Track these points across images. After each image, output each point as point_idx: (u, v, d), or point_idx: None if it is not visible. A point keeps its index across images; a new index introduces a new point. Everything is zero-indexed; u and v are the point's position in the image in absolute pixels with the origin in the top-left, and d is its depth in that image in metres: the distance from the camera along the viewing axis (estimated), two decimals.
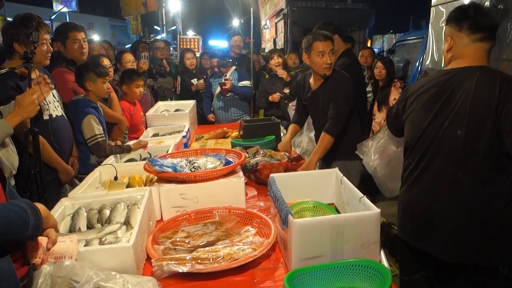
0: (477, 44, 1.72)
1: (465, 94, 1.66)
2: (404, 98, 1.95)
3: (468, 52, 1.74)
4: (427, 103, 1.78)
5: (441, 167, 1.72)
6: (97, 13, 24.48)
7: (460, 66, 1.74)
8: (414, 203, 1.83)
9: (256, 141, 2.96)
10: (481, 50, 1.73)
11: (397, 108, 2.00)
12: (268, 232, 1.64)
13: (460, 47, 1.76)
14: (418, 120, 1.81)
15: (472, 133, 1.63)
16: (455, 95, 1.69)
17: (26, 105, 2.04)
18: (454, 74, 1.73)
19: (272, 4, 11.85)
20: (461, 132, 1.65)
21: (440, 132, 1.72)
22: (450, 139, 1.69)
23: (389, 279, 1.25)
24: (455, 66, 1.77)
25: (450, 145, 1.69)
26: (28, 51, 2.15)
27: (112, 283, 1.15)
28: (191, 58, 5.21)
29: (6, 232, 1.00)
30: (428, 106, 1.77)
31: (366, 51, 5.81)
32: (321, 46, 2.61)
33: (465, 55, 1.75)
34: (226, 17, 16.66)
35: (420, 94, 1.83)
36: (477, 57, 1.73)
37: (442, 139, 1.72)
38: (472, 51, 1.73)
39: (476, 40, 1.72)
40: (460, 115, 1.66)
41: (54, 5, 15.99)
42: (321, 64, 2.64)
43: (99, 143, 2.70)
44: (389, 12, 20.44)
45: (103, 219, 1.70)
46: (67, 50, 3.04)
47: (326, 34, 2.67)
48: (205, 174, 1.92)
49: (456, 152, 1.68)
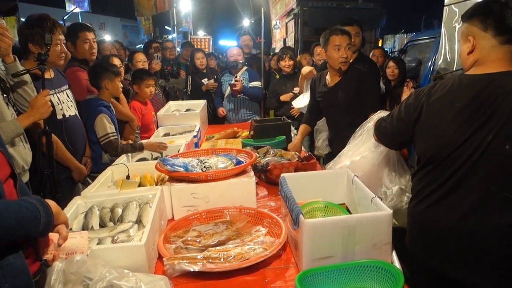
0: (505, 46, 1.50)
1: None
2: (418, 107, 1.68)
3: (496, 56, 1.51)
4: (460, 114, 1.53)
5: (482, 186, 1.50)
6: (108, 14, 24.69)
7: (491, 71, 1.51)
8: (439, 224, 1.60)
9: (267, 141, 2.96)
10: (509, 53, 1.51)
11: (405, 118, 1.74)
12: (279, 232, 1.64)
13: (486, 49, 1.53)
14: (449, 133, 1.56)
15: None
16: (500, 105, 1.45)
17: (39, 106, 2.07)
18: (492, 81, 1.49)
19: (283, 4, 11.83)
20: (509, 147, 1.43)
21: (481, 147, 1.48)
22: (496, 154, 1.46)
23: (401, 281, 1.24)
24: (484, 71, 1.53)
25: (496, 161, 1.47)
26: (42, 52, 2.18)
27: (125, 281, 1.16)
28: (202, 58, 5.23)
29: (18, 228, 1.01)
30: (463, 117, 1.52)
31: (377, 50, 5.78)
32: (337, 40, 2.65)
33: (493, 59, 1.52)
34: (236, 17, 16.70)
35: (445, 102, 1.59)
36: (506, 61, 1.51)
37: (484, 154, 1.48)
38: (502, 54, 1.51)
39: (504, 42, 1.49)
40: (506, 128, 1.44)
41: (67, 5, 16.18)
42: (337, 58, 2.67)
43: (111, 142, 2.73)
44: (400, 11, 20.30)
45: (115, 218, 1.72)
46: (77, 50, 3.08)
47: (343, 29, 2.70)
48: (216, 173, 1.93)
49: (502, 169, 1.47)
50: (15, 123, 1.98)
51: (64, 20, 12.15)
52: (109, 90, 2.87)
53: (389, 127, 1.84)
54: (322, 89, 2.92)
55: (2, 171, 1.14)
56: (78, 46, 3.07)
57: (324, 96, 2.89)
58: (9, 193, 1.16)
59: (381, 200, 1.53)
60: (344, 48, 2.65)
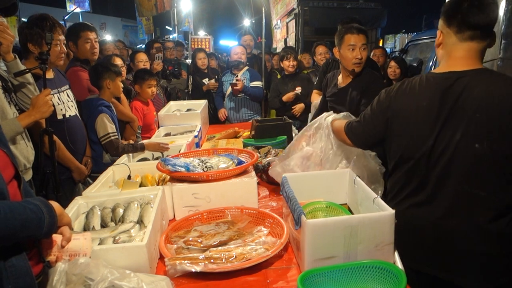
0: (465, 44, 1.51)
1: (477, 102, 1.44)
2: (388, 106, 1.67)
3: (457, 53, 1.53)
4: (427, 112, 1.54)
5: (458, 185, 1.50)
6: (109, 14, 24.74)
7: (455, 69, 1.52)
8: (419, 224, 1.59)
9: (268, 141, 2.96)
10: (472, 51, 1.51)
11: (377, 117, 1.72)
12: (280, 232, 1.64)
13: (448, 45, 1.55)
14: (418, 132, 1.57)
15: (493, 146, 1.43)
16: (464, 103, 1.46)
17: (40, 105, 2.07)
18: (456, 79, 1.50)
19: (284, 3, 11.84)
20: (480, 146, 1.44)
21: (451, 146, 1.49)
22: (466, 154, 1.47)
23: (404, 281, 1.24)
24: (449, 69, 1.54)
25: (466, 160, 1.47)
26: (43, 52, 2.18)
27: (126, 281, 1.16)
28: (203, 58, 5.23)
29: (22, 229, 1.01)
30: (429, 116, 1.53)
31: (378, 50, 5.78)
32: (352, 39, 2.53)
33: (455, 56, 1.54)
34: (237, 17, 16.71)
35: (413, 101, 1.59)
36: (469, 59, 1.52)
37: (455, 153, 1.49)
38: (462, 52, 1.52)
39: (464, 39, 1.50)
40: (475, 126, 1.45)
41: (68, 5, 16.22)
42: (351, 58, 2.55)
43: (112, 141, 2.73)
44: (401, 11, 20.30)
45: (116, 218, 1.71)
46: (79, 49, 3.09)
47: (360, 28, 2.55)
48: (217, 173, 1.92)
49: (473, 167, 1.47)
50: (14, 121, 1.98)
51: (65, 20, 12.19)
52: (110, 90, 2.88)
53: (360, 127, 1.81)
54: (332, 89, 2.84)
55: (6, 172, 1.14)
56: (79, 46, 3.08)
57: (333, 96, 2.82)
58: (13, 194, 1.16)
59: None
60: (359, 48, 2.51)
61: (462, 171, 1.49)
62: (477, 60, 1.53)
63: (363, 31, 2.55)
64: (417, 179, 1.60)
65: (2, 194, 1.05)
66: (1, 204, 0.97)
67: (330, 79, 2.93)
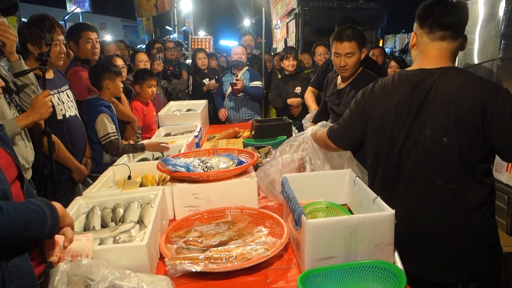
0: (436, 43, 1.58)
1: (445, 97, 1.51)
2: (364, 105, 1.75)
3: (429, 53, 1.60)
4: (397, 109, 1.61)
5: (429, 178, 1.56)
6: (109, 14, 24.75)
7: (426, 67, 1.60)
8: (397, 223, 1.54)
9: (268, 141, 2.96)
10: (443, 50, 1.58)
11: (355, 118, 1.80)
12: (280, 233, 1.64)
13: (421, 45, 1.63)
14: (390, 128, 1.63)
15: (460, 140, 1.49)
16: (432, 99, 1.54)
17: (39, 107, 2.06)
18: (426, 76, 1.57)
19: (284, 3, 11.84)
20: (448, 139, 1.50)
21: (421, 141, 1.56)
22: (436, 147, 1.53)
23: (404, 281, 1.24)
24: (420, 66, 1.62)
25: (437, 154, 1.53)
26: (43, 53, 2.18)
27: (127, 281, 1.16)
28: (203, 58, 5.23)
29: (25, 230, 1.01)
30: (399, 112, 1.60)
31: (377, 50, 5.78)
32: (335, 47, 2.55)
33: (427, 56, 1.61)
34: (237, 17, 16.72)
35: (384, 99, 1.67)
36: (440, 58, 1.58)
37: (425, 148, 1.55)
38: (433, 51, 1.59)
39: (435, 39, 1.58)
40: (443, 121, 1.51)
41: (68, 5, 16.22)
42: (336, 64, 2.58)
43: (112, 142, 2.73)
44: (401, 11, 20.27)
45: (117, 218, 1.71)
46: (80, 49, 3.09)
47: (345, 35, 2.51)
48: (217, 174, 1.92)
49: (443, 161, 1.53)
50: (12, 122, 1.97)
51: (65, 20, 12.18)
52: (110, 90, 2.88)
53: (341, 129, 1.88)
54: (331, 90, 2.83)
55: (9, 172, 1.14)
56: (80, 46, 3.08)
57: (332, 96, 2.82)
58: (16, 195, 1.16)
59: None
60: (343, 56, 2.50)
61: (433, 165, 1.55)
62: (448, 60, 1.60)
63: (347, 38, 2.49)
64: (391, 175, 1.67)
65: (5, 195, 1.05)
66: (4, 204, 0.98)
67: (331, 79, 2.92)
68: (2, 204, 0.97)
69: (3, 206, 0.97)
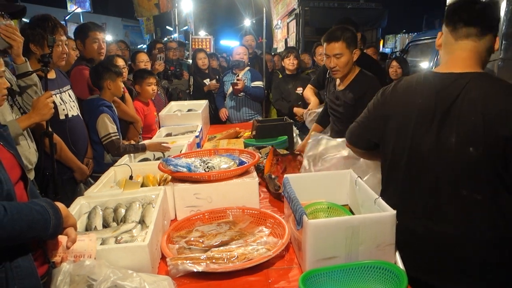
0: (461, 42, 1.48)
1: (473, 105, 1.40)
2: (381, 106, 1.68)
3: (455, 53, 1.51)
4: (420, 113, 1.52)
5: (453, 188, 1.47)
6: (110, 14, 24.75)
7: (455, 70, 1.49)
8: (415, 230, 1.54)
9: (269, 141, 2.96)
10: (469, 51, 1.48)
11: (373, 116, 1.72)
12: (281, 233, 1.64)
13: (447, 45, 1.53)
14: (412, 132, 1.54)
15: (487, 151, 1.39)
16: (459, 106, 1.43)
17: (40, 108, 2.06)
18: (453, 80, 1.46)
19: (284, 4, 11.85)
20: (474, 150, 1.40)
21: (445, 149, 1.45)
22: (461, 157, 1.43)
23: (405, 281, 1.24)
24: (449, 69, 1.51)
25: (462, 163, 1.43)
26: (45, 55, 2.19)
27: (129, 281, 1.16)
28: (203, 58, 5.23)
29: (29, 230, 1.02)
30: (422, 116, 1.51)
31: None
32: (325, 48, 2.52)
33: (453, 57, 1.51)
34: (238, 17, 16.71)
35: (406, 100, 1.58)
36: (468, 60, 1.48)
37: (449, 156, 1.45)
38: (459, 51, 1.49)
39: (460, 37, 1.47)
40: (469, 130, 1.40)
41: (68, 5, 16.23)
42: (327, 66, 2.56)
43: (113, 142, 2.74)
44: (402, 11, 20.28)
45: (118, 218, 1.72)
46: (86, 49, 3.10)
47: (332, 36, 2.47)
48: (219, 174, 1.93)
49: (469, 171, 1.43)
50: (14, 123, 1.98)
51: (66, 21, 12.20)
52: (111, 90, 2.88)
53: (359, 128, 1.81)
54: (331, 92, 2.81)
55: (13, 173, 1.15)
56: (87, 45, 3.09)
57: (331, 96, 2.79)
58: (20, 195, 1.17)
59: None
60: (332, 57, 2.47)
61: (458, 175, 1.45)
62: (476, 63, 1.49)
63: (335, 39, 2.45)
64: (409, 183, 1.57)
65: (9, 195, 1.06)
66: (8, 205, 0.98)
67: (330, 80, 2.90)
68: (5, 204, 0.98)
69: (7, 207, 0.97)
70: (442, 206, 1.50)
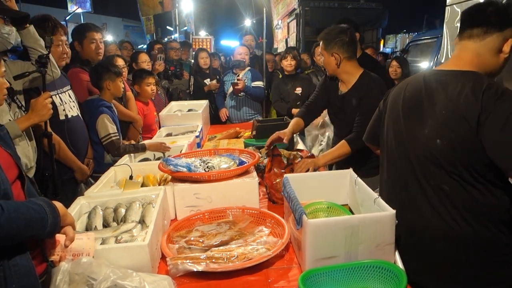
0: (463, 42, 1.50)
1: (445, 100, 1.44)
2: (382, 102, 1.78)
3: (454, 53, 1.54)
4: (405, 107, 1.60)
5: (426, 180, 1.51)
6: (110, 14, 24.78)
7: (446, 68, 1.54)
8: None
9: None
10: (467, 51, 1.49)
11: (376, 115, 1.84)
12: (281, 232, 1.65)
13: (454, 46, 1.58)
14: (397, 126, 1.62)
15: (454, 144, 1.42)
16: (435, 100, 1.48)
17: (39, 109, 2.06)
18: (438, 77, 1.53)
19: (285, 4, 11.86)
20: (440, 142, 1.44)
21: (419, 141, 1.52)
22: (431, 148, 1.48)
23: (404, 281, 1.24)
24: (442, 67, 1.58)
25: (431, 154, 1.48)
26: (43, 55, 2.18)
27: (129, 281, 1.17)
28: (205, 57, 5.24)
29: (26, 229, 1.02)
30: (407, 111, 1.59)
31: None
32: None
33: (452, 56, 1.55)
34: (238, 17, 16.70)
35: (399, 95, 1.66)
36: (462, 60, 1.50)
37: (420, 148, 1.51)
38: (457, 51, 1.52)
39: (463, 37, 1.50)
40: (439, 123, 1.45)
41: (69, 6, 16.24)
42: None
43: (113, 142, 2.74)
44: (402, 11, 20.26)
45: (118, 218, 1.72)
46: (84, 49, 3.09)
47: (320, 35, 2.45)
48: (219, 174, 1.93)
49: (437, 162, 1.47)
50: (13, 124, 1.98)
51: (66, 21, 12.21)
52: (111, 91, 2.88)
53: (370, 125, 1.93)
54: (332, 98, 2.65)
55: (10, 172, 1.15)
56: (85, 46, 3.09)
57: (334, 100, 2.64)
58: (17, 194, 1.17)
59: None
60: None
61: (427, 164, 1.51)
62: (470, 63, 1.48)
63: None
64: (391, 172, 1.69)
65: (6, 194, 1.06)
66: (5, 204, 0.98)
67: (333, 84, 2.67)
68: (3, 203, 0.98)
69: (4, 206, 0.98)
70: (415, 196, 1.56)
